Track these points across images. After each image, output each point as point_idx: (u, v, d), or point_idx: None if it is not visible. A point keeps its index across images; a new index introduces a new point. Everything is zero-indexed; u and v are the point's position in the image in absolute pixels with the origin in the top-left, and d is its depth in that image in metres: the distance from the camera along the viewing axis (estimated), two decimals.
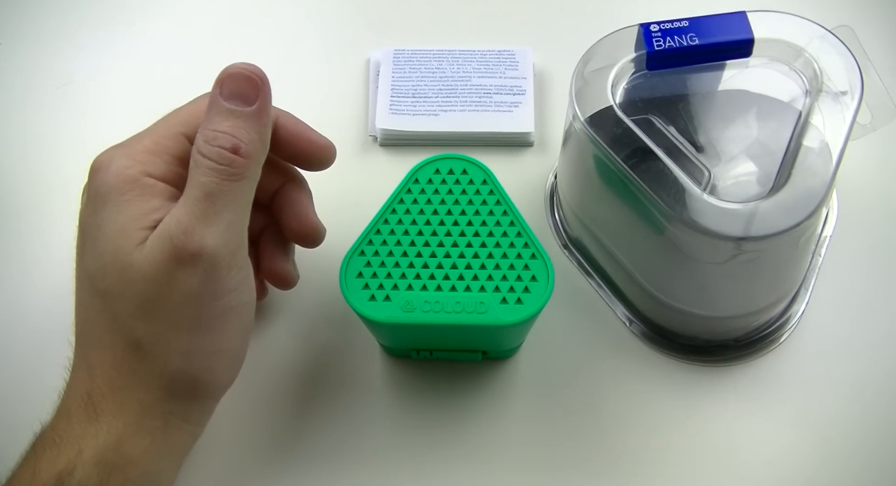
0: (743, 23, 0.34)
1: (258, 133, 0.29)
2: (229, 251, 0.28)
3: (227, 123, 0.28)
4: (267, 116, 0.29)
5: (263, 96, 0.29)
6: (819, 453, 0.35)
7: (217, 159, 0.27)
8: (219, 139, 0.28)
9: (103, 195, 0.28)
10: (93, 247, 0.28)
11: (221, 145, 0.28)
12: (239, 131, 0.28)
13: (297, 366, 0.37)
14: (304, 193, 0.35)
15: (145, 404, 0.28)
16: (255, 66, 0.29)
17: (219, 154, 0.27)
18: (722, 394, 0.36)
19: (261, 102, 0.29)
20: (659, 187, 0.31)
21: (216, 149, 0.27)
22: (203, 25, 0.49)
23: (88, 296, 0.29)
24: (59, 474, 0.26)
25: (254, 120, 0.28)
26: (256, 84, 0.28)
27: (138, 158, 0.29)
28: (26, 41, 0.48)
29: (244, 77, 0.28)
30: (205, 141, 0.28)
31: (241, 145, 0.28)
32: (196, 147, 0.28)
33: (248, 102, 0.28)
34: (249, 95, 0.28)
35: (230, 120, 0.28)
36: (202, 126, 0.28)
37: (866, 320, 0.38)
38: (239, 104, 0.28)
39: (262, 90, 0.29)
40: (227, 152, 0.28)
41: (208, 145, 0.28)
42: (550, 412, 0.36)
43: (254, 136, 0.28)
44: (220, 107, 0.28)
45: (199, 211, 0.27)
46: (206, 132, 0.28)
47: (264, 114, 0.29)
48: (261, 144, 0.29)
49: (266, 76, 0.29)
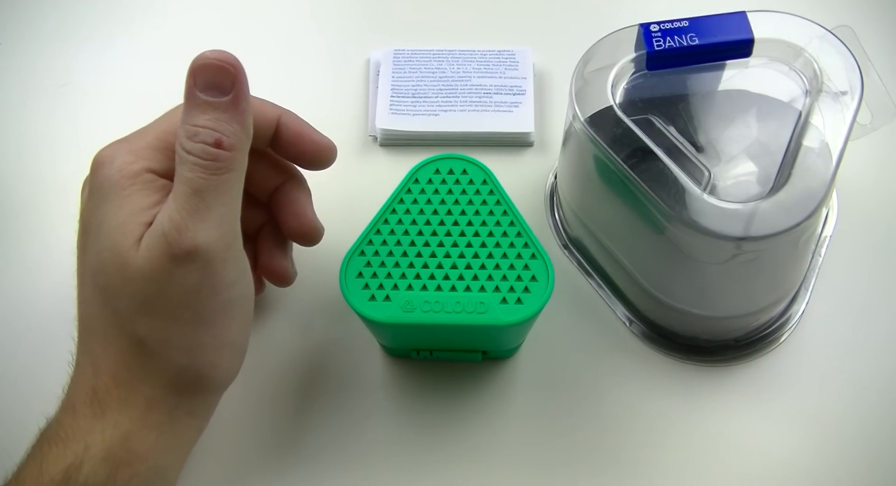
0: (743, 23, 0.34)
1: (239, 122, 0.28)
2: (224, 245, 0.28)
3: (205, 117, 0.27)
4: (245, 102, 0.28)
5: (239, 83, 0.28)
6: (819, 452, 0.35)
7: (201, 155, 0.27)
8: (200, 134, 0.27)
9: (105, 190, 0.28)
10: (94, 242, 0.28)
11: (204, 141, 0.27)
12: (219, 124, 0.27)
13: (297, 366, 0.37)
14: (303, 192, 0.35)
15: (151, 399, 0.28)
16: (226, 54, 0.28)
17: (202, 150, 0.27)
18: (722, 394, 0.36)
19: (237, 89, 0.28)
20: (659, 187, 0.31)
21: (199, 145, 0.27)
22: (202, 25, 0.49)
23: (90, 292, 0.29)
24: (67, 469, 0.26)
25: (232, 109, 0.28)
26: (230, 72, 0.28)
27: (141, 154, 0.29)
28: (26, 41, 0.48)
29: (216, 67, 0.27)
30: (187, 136, 0.27)
31: (224, 139, 0.27)
32: (179, 143, 0.27)
33: (224, 91, 0.28)
34: (224, 85, 0.28)
35: (209, 112, 0.27)
36: (182, 120, 0.28)
37: (866, 320, 0.38)
38: (215, 95, 0.27)
39: (236, 78, 0.28)
40: (211, 147, 0.27)
41: (191, 141, 0.27)
42: (550, 411, 0.36)
43: (235, 126, 0.28)
44: (197, 99, 0.27)
45: (189, 207, 0.27)
46: (186, 127, 0.27)
47: (242, 100, 0.28)
48: (243, 132, 0.28)
49: (239, 62, 0.28)
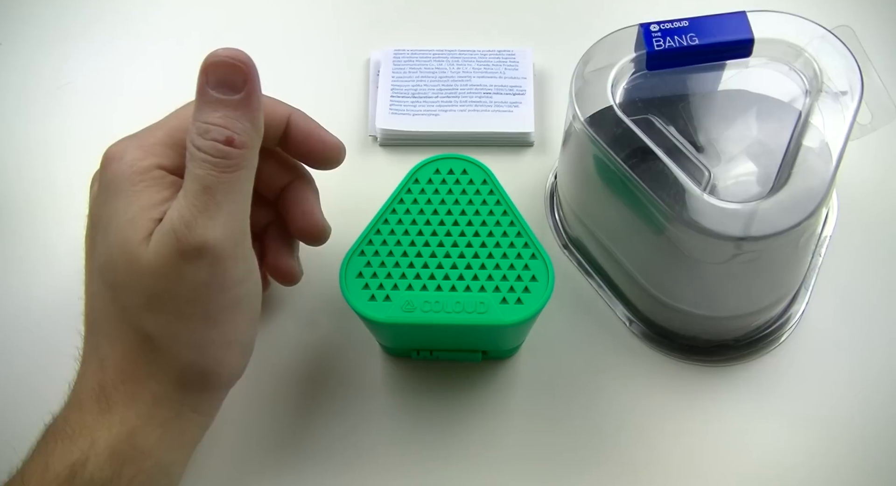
0: (743, 23, 0.34)
1: (250, 121, 0.28)
2: (233, 243, 0.28)
3: (217, 114, 0.27)
4: (257, 101, 0.28)
5: (251, 82, 0.28)
6: (819, 452, 0.35)
7: (212, 152, 0.27)
8: (211, 132, 0.27)
9: (115, 186, 0.28)
10: (103, 238, 0.28)
11: (215, 138, 0.27)
12: (231, 122, 0.27)
13: (297, 366, 0.37)
14: (311, 192, 0.35)
15: (158, 395, 0.28)
16: (239, 52, 0.28)
17: (213, 147, 0.27)
18: (722, 394, 0.36)
19: (248, 87, 0.28)
20: (659, 187, 0.31)
21: (210, 142, 0.27)
22: (203, 25, 0.49)
23: (98, 287, 0.29)
24: (72, 465, 0.26)
25: (244, 107, 0.28)
26: (242, 70, 0.27)
27: (151, 150, 0.29)
28: (25, 41, 0.48)
29: (229, 65, 0.27)
30: (198, 133, 0.27)
31: (235, 137, 0.27)
32: (190, 140, 0.27)
33: (235, 89, 0.28)
34: (236, 83, 0.27)
35: (220, 110, 0.27)
36: (193, 117, 0.28)
37: (866, 320, 0.38)
38: (227, 93, 0.27)
39: (248, 76, 0.28)
40: (222, 145, 0.27)
41: (202, 138, 0.27)
42: (550, 411, 0.36)
43: (246, 124, 0.28)
44: (209, 97, 0.27)
45: (199, 204, 0.27)
46: (198, 124, 0.27)
47: (254, 99, 0.28)
48: (254, 131, 0.28)
49: (251, 60, 0.28)
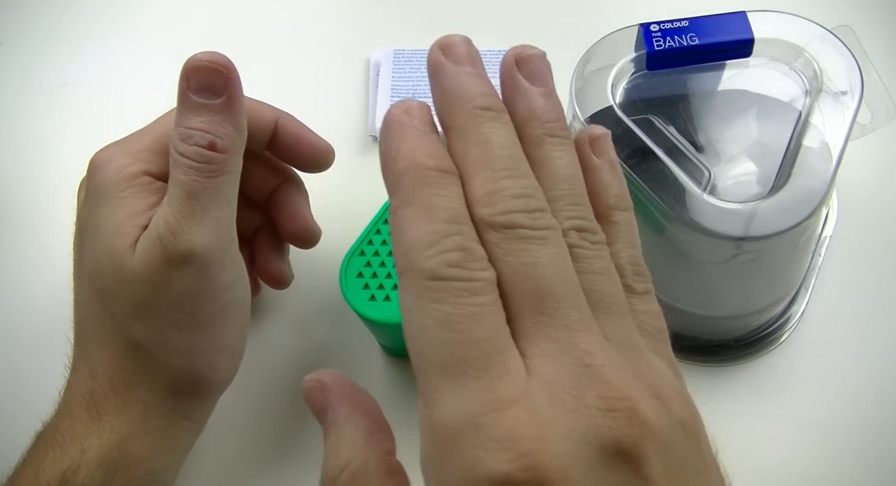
0: (743, 23, 0.34)
1: (233, 124, 0.28)
2: (220, 248, 0.28)
3: (199, 119, 0.27)
4: (238, 104, 0.28)
5: (232, 85, 0.28)
6: (819, 452, 0.35)
7: (195, 158, 0.27)
8: (194, 137, 0.27)
9: (101, 193, 0.28)
10: (90, 245, 0.28)
11: (198, 143, 0.27)
12: (213, 126, 0.27)
13: (297, 366, 0.37)
14: (300, 194, 0.35)
15: (149, 402, 0.28)
16: (218, 55, 0.27)
17: (196, 152, 0.27)
18: (722, 394, 0.36)
19: (230, 91, 0.28)
20: (659, 187, 0.31)
21: (192, 147, 0.27)
22: (202, 25, 0.49)
23: (87, 294, 0.28)
24: (63, 473, 0.26)
25: (226, 111, 0.28)
26: (222, 74, 0.27)
27: (138, 156, 0.29)
28: (25, 41, 0.48)
29: (209, 69, 0.27)
30: (180, 139, 0.27)
31: (218, 141, 0.27)
32: (173, 146, 0.27)
33: (217, 93, 0.27)
34: (217, 86, 0.27)
35: (202, 115, 0.27)
36: (175, 123, 0.27)
37: (866, 320, 0.38)
38: (208, 97, 0.27)
39: (229, 79, 0.27)
40: (205, 150, 0.27)
41: (184, 144, 0.27)
42: None
43: (229, 128, 0.28)
44: (190, 102, 0.27)
45: (184, 211, 0.27)
46: (180, 130, 0.27)
47: (235, 102, 0.28)
48: (237, 134, 0.28)
49: (231, 63, 0.28)
